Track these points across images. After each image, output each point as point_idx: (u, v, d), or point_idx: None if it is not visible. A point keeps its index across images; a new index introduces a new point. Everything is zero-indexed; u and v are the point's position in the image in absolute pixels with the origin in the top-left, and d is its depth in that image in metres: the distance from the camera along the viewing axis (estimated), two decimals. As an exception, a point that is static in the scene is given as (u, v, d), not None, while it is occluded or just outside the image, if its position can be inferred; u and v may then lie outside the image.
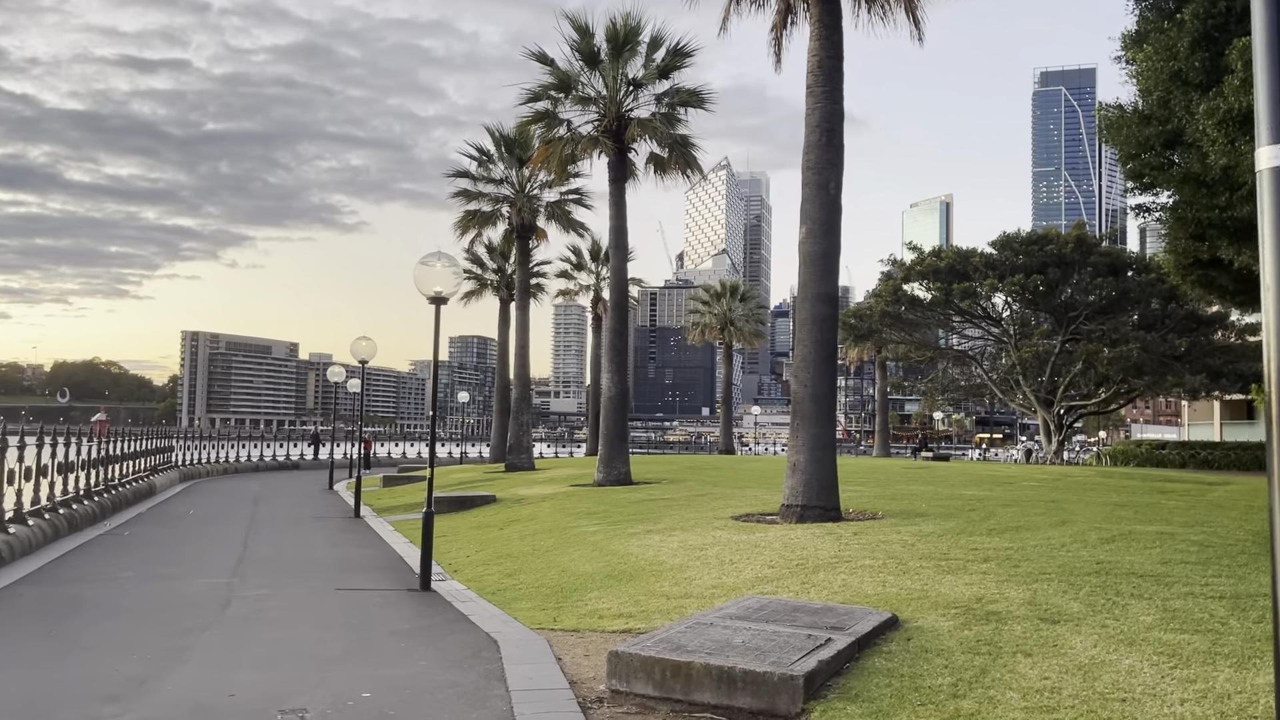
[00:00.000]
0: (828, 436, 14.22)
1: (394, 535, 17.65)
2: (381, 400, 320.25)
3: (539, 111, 23.33)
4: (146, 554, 13.87)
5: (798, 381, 14.34)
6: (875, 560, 10.12)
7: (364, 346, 22.00)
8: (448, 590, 11.31)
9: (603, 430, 23.04)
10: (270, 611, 9.60)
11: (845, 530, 12.44)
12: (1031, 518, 13.43)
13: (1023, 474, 25.54)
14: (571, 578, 11.21)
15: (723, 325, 54.78)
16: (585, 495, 19.98)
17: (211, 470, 36.60)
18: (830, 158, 14.30)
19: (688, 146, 23.09)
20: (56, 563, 12.49)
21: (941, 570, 9.36)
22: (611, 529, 14.45)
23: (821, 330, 14.19)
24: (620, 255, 23.37)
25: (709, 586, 9.72)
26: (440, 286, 11.34)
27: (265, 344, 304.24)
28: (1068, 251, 39.21)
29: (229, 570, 12.47)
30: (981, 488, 19.57)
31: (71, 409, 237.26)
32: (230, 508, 22.95)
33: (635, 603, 9.44)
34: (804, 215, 14.41)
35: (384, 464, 48.44)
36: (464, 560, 13.90)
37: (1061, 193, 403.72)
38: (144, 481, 24.50)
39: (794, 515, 13.87)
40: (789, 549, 11.19)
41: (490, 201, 32.20)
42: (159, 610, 9.57)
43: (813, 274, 14.29)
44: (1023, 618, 7.23)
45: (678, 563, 11.09)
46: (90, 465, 18.59)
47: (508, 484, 25.16)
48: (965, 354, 46.76)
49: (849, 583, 9.16)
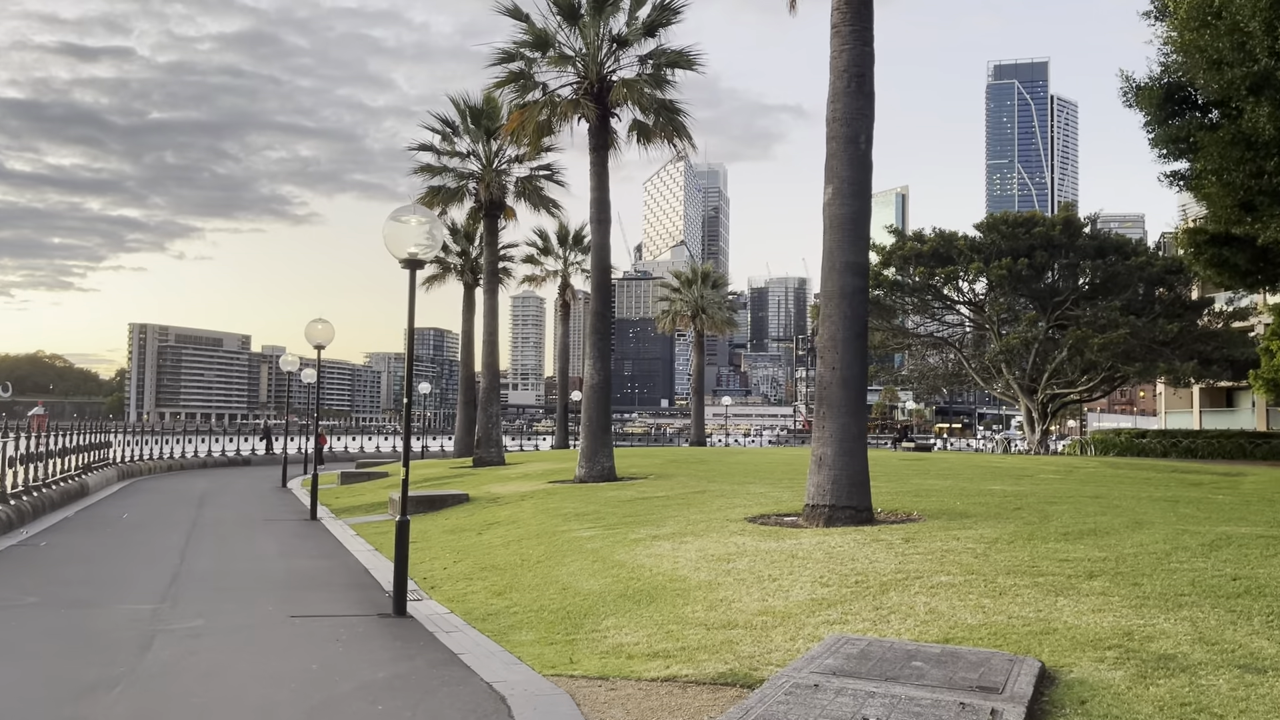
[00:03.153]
0: (858, 427, 12.44)
1: (356, 541, 15.60)
2: (337, 394, 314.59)
3: (512, 72, 21.23)
4: (61, 571, 11.69)
5: (824, 364, 12.53)
6: (950, 576, 8.34)
7: (320, 330, 19.84)
8: (427, 614, 9.35)
9: (584, 422, 21.09)
10: (205, 654, 7.55)
11: (890, 535, 10.65)
12: (1094, 518, 11.76)
13: (1028, 465, 24.03)
14: (576, 598, 9.32)
15: (694, 313, 52.95)
16: (569, 493, 18.04)
17: (155, 468, 34.07)
18: (860, 106, 12.49)
19: (676, 113, 21.15)
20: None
21: (1045, 590, 7.60)
22: (610, 534, 12.56)
23: (852, 305, 12.39)
24: (603, 230, 21.37)
25: (755, 613, 7.88)
26: (415, 247, 9.34)
27: (216, 336, 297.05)
28: (1055, 234, 37.91)
29: (160, 591, 10.38)
30: (1002, 481, 17.95)
31: (15, 404, 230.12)
32: (171, 509, 20.67)
33: (668, 634, 7.58)
34: (829, 174, 12.59)
35: (341, 459, 46.07)
36: (441, 572, 11.92)
37: (1015, 185, 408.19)
38: (74, 481, 22.13)
39: (821, 517, 12.07)
40: (835, 560, 9.38)
41: (455, 177, 30.00)
42: (58, 655, 7.46)
43: (840, 240, 12.48)
44: (1211, 664, 5.46)
45: (704, 578, 9.23)
46: (5, 464, 16.27)
47: (479, 480, 23.12)
48: (945, 340, 45.38)
49: (936, 608, 7.36)
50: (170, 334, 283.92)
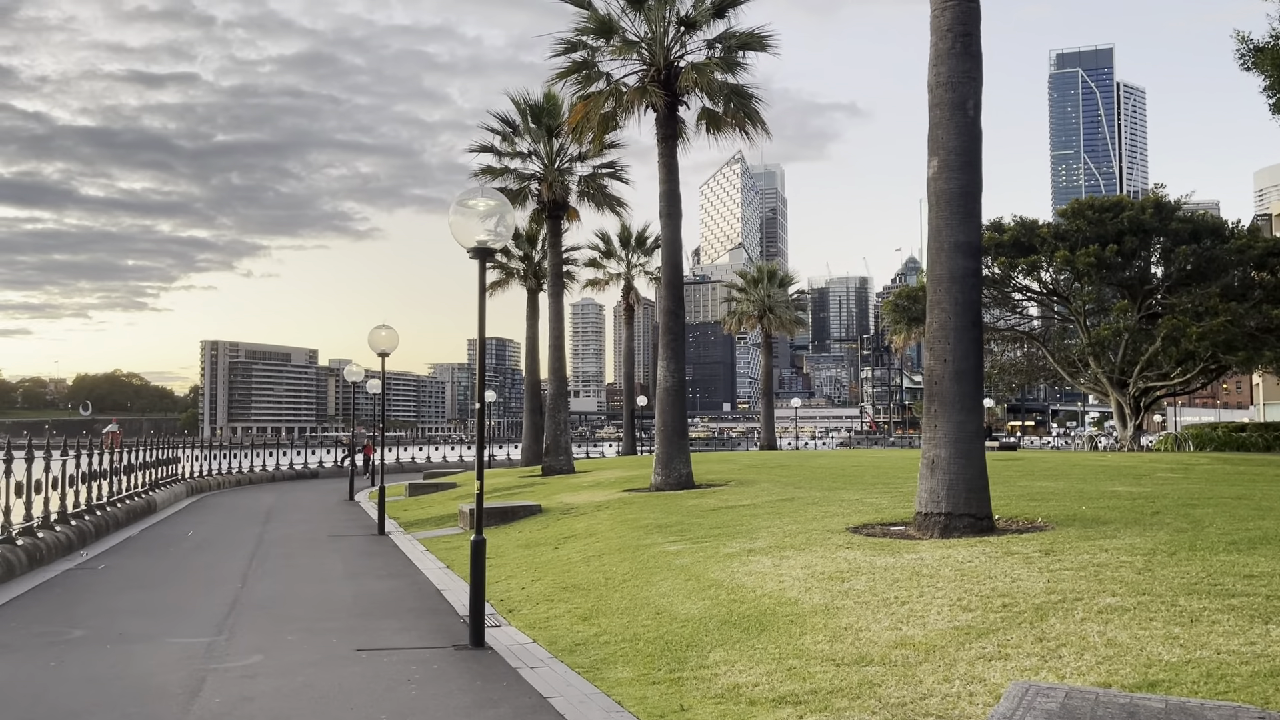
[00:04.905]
0: (975, 425, 11.17)
1: (426, 558, 14.72)
2: (402, 404, 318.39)
3: (575, 62, 20.26)
4: (115, 599, 10.94)
5: (933, 356, 11.29)
6: (1117, 598, 7.08)
7: (383, 337, 19.07)
8: (507, 644, 8.35)
9: (659, 426, 20.02)
10: (260, 700, 6.62)
11: (1023, 547, 9.38)
12: (1254, 522, 10.36)
13: (1136, 463, 22.33)
14: (673, 624, 8.24)
15: (761, 313, 51.58)
16: (646, 503, 16.96)
17: (223, 482, 33.84)
18: (967, 69, 11.25)
19: (747, 98, 19.98)
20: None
21: (1246, 615, 6.32)
22: (699, 548, 11.46)
23: (963, 289, 11.14)
24: (673, 225, 20.28)
25: (890, 644, 6.71)
26: (484, 235, 8.35)
27: (284, 351, 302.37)
28: (1146, 217, 35.78)
29: (217, 621, 9.54)
30: (1119, 481, 16.44)
31: (94, 422, 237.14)
32: (236, 527, 20.08)
33: (790, 672, 6.45)
34: (934, 144, 11.36)
35: (408, 469, 45.70)
36: (518, 593, 10.94)
37: (1081, 175, 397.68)
38: (142, 499, 21.71)
39: (936, 526, 10.83)
40: (970, 579, 8.16)
41: (517, 179, 29.18)
42: (91, 710, 6.57)
43: (948, 218, 11.23)
44: None
45: (818, 601, 8.09)
46: (67, 483, 15.72)
47: (550, 490, 22.19)
48: (1027, 334, 43.31)
49: (1115, 639, 6.12)
50: (240, 350, 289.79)
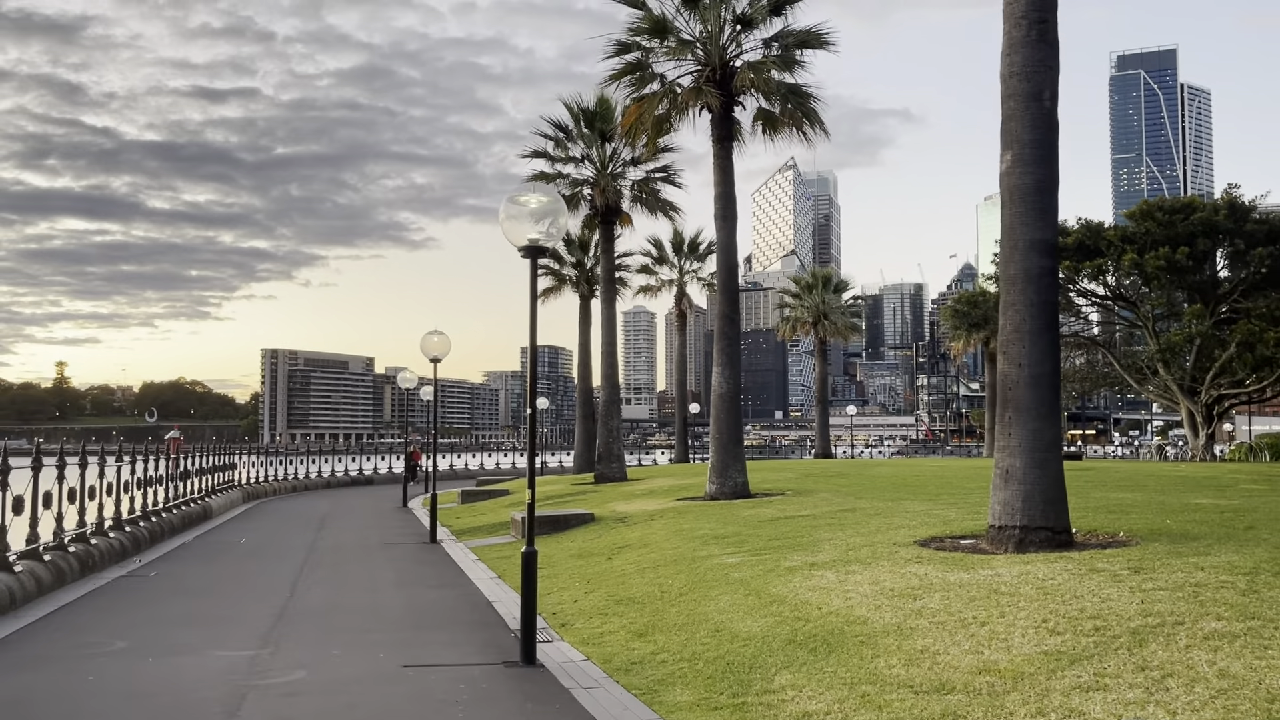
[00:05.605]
0: (1052, 433, 10.54)
1: (478, 567, 14.43)
2: (456, 411, 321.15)
3: (629, 63, 19.92)
4: (162, 608, 10.77)
5: (1007, 360, 10.69)
6: (1223, 622, 6.47)
7: (435, 343, 18.89)
8: (560, 662, 7.97)
9: (714, 434, 19.55)
10: (301, 719, 6.31)
11: (1109, 564, 8.75)
12: (1361, 539, 9.60)
13: (1215, 474, 21.35)
14: (735, 643, 7.79)
15: (815, 319, 50.80)
16: (702, 512, 16.50)
17: (279, 488, 34.08)
18: (1043, 56, 10.67)
19: (805, 98, 19.47)
20: (28, 630, 9.35)
21: (1376, 645, 5.69)
22: (758, 561, 10.98)
23: (1039, 290, 10.53)
24: (728, 228, 19.83)
25: (973, 670, 6.19)
26: (536, 233, 8.00)
27: (342, 359, 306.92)
28: (1220, 218, 34.49)
29: (263, 633, 9.28)
30: (1201, 493, 15.61)
31: (159, 428, 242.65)
32: (289, 534, 20.02)
33: (864, 700, 5.97)
34: (1007, 138, 10.78)
35: (461, 476, 45.75)
36: (571, 606, 10.56)
37: (1144, 179, 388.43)
38: (198, 505, 21.78)
39: (1011, 540, 10.21)
40: (1054, 598, 7.58)
41: (570, 185, 28.94)
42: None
43: (1023, 215, 10.65)
44: None
45: (890, 621, 7.58)
46: (121, 490, 15.70)
47: (603, 498, 21.82)
48: (1093, 340, 42.06)
49: (1229, 670, 5.55)
50: (299, 358, 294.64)
